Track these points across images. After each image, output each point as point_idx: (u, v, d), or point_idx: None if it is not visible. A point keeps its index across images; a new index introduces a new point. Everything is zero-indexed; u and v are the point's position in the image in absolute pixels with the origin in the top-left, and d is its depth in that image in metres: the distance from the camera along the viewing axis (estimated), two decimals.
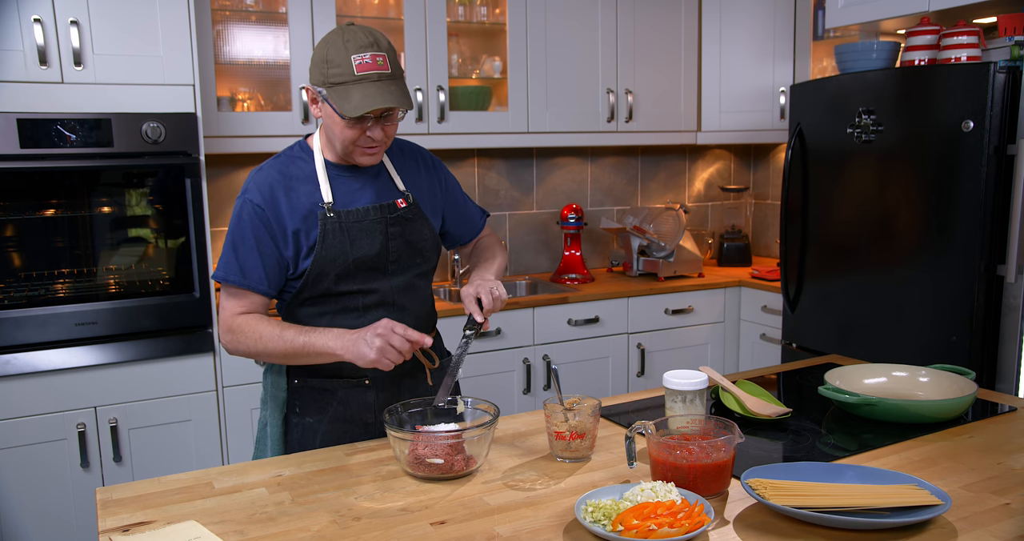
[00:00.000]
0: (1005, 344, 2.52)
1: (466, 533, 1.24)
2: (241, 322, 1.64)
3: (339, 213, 1.66)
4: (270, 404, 1.77)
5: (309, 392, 1.74)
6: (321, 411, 1.74)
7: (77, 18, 2.41)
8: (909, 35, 2.81)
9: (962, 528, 1.22)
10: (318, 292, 1.69)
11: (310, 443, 1.73)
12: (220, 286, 1.69)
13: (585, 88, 3.49)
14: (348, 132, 1.60)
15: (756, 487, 1.28)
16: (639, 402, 1.90)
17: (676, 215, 3.64)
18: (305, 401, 1.75)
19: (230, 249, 1.65)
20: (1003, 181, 2.48)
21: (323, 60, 1.57)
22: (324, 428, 1.74)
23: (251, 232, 1.64)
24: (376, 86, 1.55)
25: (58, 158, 2.42)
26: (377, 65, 1.55)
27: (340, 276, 1.67)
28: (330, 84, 1.56)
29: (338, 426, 1.74)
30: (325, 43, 1.59)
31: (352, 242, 1.66)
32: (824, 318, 3.07)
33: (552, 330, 3.22)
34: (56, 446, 2.50)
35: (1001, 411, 1.79)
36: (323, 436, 1.73)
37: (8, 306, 2.42)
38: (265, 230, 1.64)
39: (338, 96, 1.56)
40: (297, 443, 1.75)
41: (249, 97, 3.11)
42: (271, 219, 1.64)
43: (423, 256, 1.78)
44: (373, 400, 1.75)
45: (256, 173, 1.68)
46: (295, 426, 1.75)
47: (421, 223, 1.76)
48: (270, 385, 1.77)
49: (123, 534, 1.26)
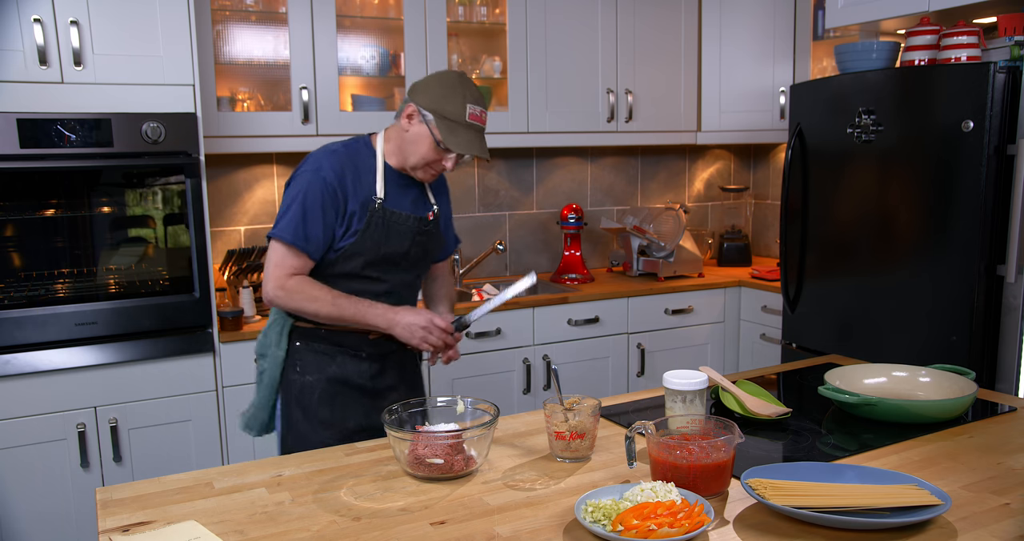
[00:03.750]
0: (1005, 344, 2.52)
1: (466, 533, 1.24)
2: (295, 283, 1.85)
3: (386, 211, 1.91)
4: (269, 359, 1.98)
5: (310, 354, 1.96)
6: (320, 371, 1.95)
7: (77, 18, 2.41)
8: (909, 35, 2.81)
9: (962, 528, 1.22)
10: (345, 271, 1.91)
11: (308, 400, 1.94)
12: (277, 243, 1.86)
13: (585, 88, 3.49)
14: (431, 155, 1.88)
15: (756, 487, 1.28)
16: (639, 402, 1.90)
17: (676, 215, 3.64)
18: (306, 361, 1.96)
19: (299, 215, 1.84)
20: (1003, 181, 2.48)
21: (440, 94, 1.85)
22: (322, 386, 1.95)
23: (320, 204, 1.84)
24: (476, 135, 1.87)
25: (58, 158, 2.42)
26: (482, 120, 1.88)
27: (368, 262, 1.91)
28: (441, 116, 1.83)
29: (334, 386, 1.95)
30: (444, 80, 1.87)
31: (387, 238, 1.92)
32: (824, 318, 3.07)
33: (552, 330, 3.22)
34: (56, 446, 2.50)
35: (1001, 411, 1.79)
36: (320, 394, 1.95)
37: (8, 306, 2.42)
38: (332, 205, 1.86)
39: (446, 129, 1.83)
40: (295, 399, 1.96)
41: (249, 97, 3.11)
42: (340, 197, 1.86)
43: (428, 261, 2.09)
44: (367, 368, 1.98)
45: (329, 154, 1.91)
46: (293, 383, 1.97)
47: (436, 235, 2.05)
48: (272, 344, 1.97)
49: (123, 534, 1.26)
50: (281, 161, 3.30)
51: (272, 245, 1.88)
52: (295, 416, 1.96)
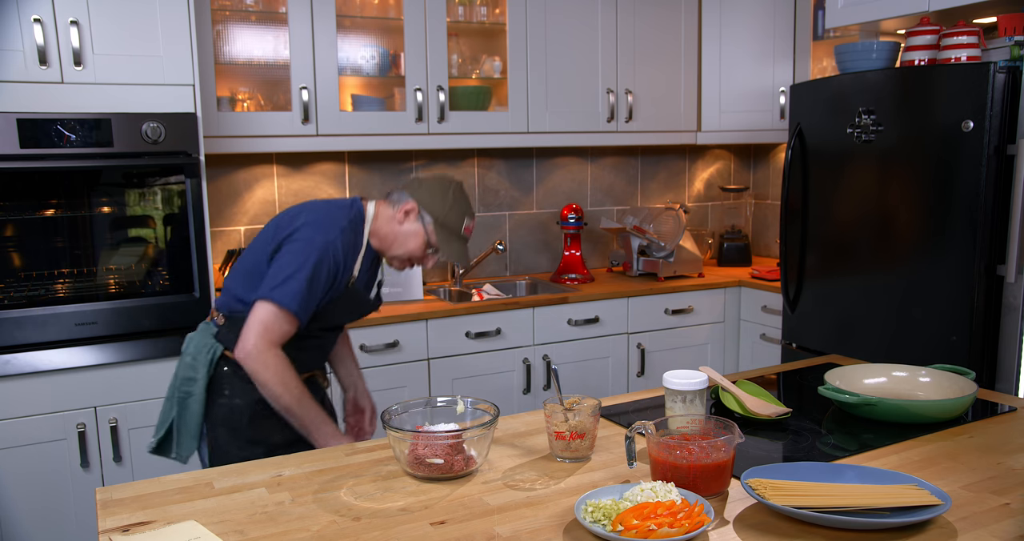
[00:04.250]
0: (1005, 344, 2.52)
1: (466, 533, 1.24)
2: (276, 362, 1.80)
3: (354, 290, 1.95)
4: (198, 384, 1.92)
5: (238, 380, 1.91)
6: (248, 395, 1.90)
7: (77, 18, 2.41)
8: (909, 35, 2.81)
9: (962, 528, 1.22)
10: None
11: (237, 421, 1.92)
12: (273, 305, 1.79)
13: (585, 88, 3.49)
14: (418, 254, 1.96)
15: (756, 487, 1.28)
16: (639, 402, 1.90)
17: (676, 215, 3.64)
18: (234, 386, 1.92)
19: (305, 286, 1.80)
20: (1003, 181, 2.48)
21: (442, 203, 1.93)
22: (252, 409, 1.91)
23: (324, 280, 1.84)
24: (464, 247, 1.99)
25: (58, 158, 2.42)
26: (471, 233, 2.00)
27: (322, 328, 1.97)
28: (441, 225, 1.93)
29: (262, 407, 1.89)
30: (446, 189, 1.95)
31: (348, 311, 2.00)
32: (824, 318, 3.07)
33: (552, 330, 3.22)
34: (56, 446, 2.50)
35: (1001, 411, 1.79)
36: (251, 416, 1.91)
37: (8, 306, 2.42)
38: (330, 282, 1.86)
39: (443, 238, 1.93)
40: (221, 421, 1.93)
41: (249, 97, 3.11)
42: (339, 278, 1.88)
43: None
44: None
45: (341, 233, 1.87)
46: (221, 406, 1.93)
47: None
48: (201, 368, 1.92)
49: (123, 534, 1.26)
50: (281, 161, 3.30)
51: (266, 305, 1.79)
52: (221, 437, 1.93)
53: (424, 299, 3.17)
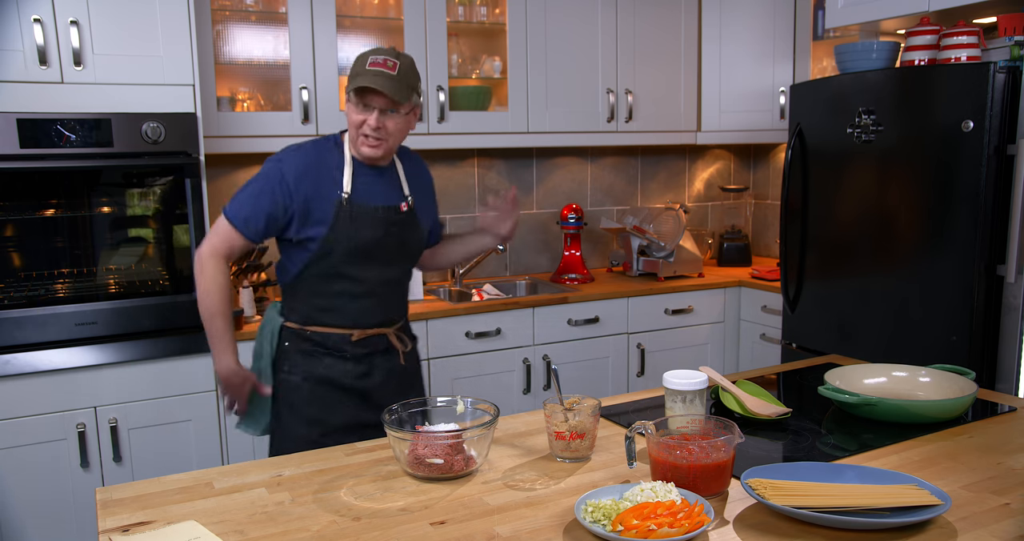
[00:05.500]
0: (1005, 344, 2.52)
1: (466, 533, 1.24)
2: (212, 267, 1.91)
3: (353, 205, 1.91)
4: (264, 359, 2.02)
5: (298, 355, 1.99)
6: (308, 371, 1.98)
7: (77, 18, 2.41)
8: (909, 35, 2.81)
9: (962, 528, 1.22)
10: (322, 272, 1.94)
11: (295, 398, 1.98)
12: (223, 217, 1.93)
13: (585, 88, 3.49)
14: (354, 117, 1.87)
15: (756, 487, 1.28)
16: (639, 402, 1.90)
17: (676, 215, 3.64)
18: (294, 361, 1.99)
19: (248, 198, 1.91)
20: (1003, 181, 2.48)
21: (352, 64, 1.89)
22: (309, 386, 1.98)
23: (270, 193, 1.89)
24: (377, 77, 1.82)
25: (58, 158, 2.42)
26: (386, 66, 1.84)
27: (341, 259, 1.92)
28: (350, 76, 1.86)
29: (321, 386, 1.97)
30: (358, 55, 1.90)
31: (357, 231, 1.92)
32: (824, 318, 3.07)
33: (552, 330, 3.22)
34: (56, 446, 2.50)
35: (1001, 411, 1.79)
36: (307, 393, 1.98)
37: (8, 306, 2.42)
38: (280, 199, 1.89)
39: (351, 84, 1.85)
40: (283, 397, 2.00)
41: (249, 97, 3.11)
42: (292, 192, 1.89)
43: (410, 256, 2.07)
44: (352, 369, 1.99)
45: (295, 151, 1.94)
46: (282, 382, 2.01)
47: (414, 226, 2.03)
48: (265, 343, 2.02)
49: (123, 534, 1.26)
50: None
51: (219, 218, 1.94)
52: (283, 414, 2.01)
53: (424, 299, 3.17)
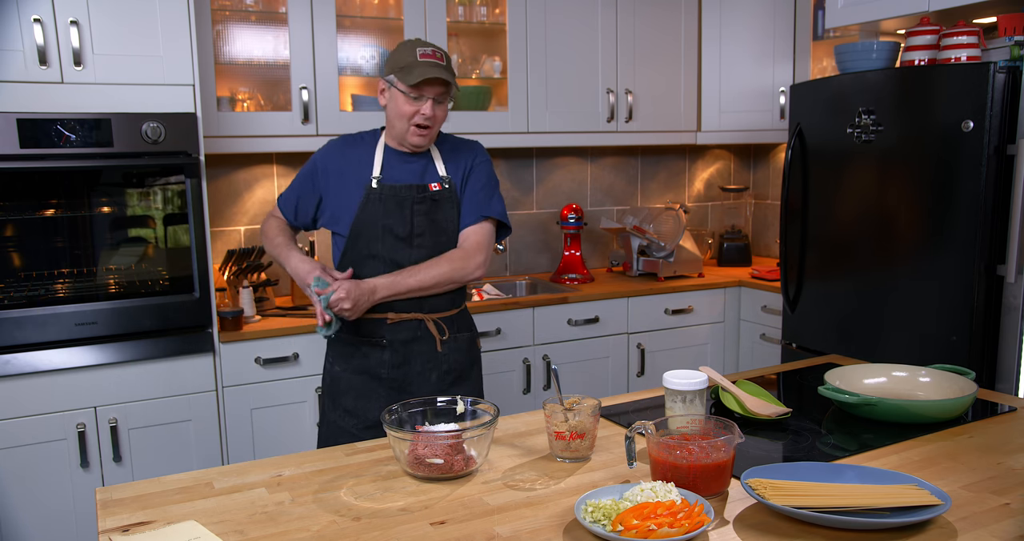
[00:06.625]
0: (1005, 344, 2.52)
1: (466, 533, 1.24)
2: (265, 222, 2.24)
3: (382, 186, 2.01)
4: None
5: (339, 345, 2.10)
6: (347, 362, 2.09)
7: (77, 18, 2.41)
8: (909, 35, 2.81)
9: (962, 528, 1.22)
10: (355, 256, 2.04)
11: (336, 390, 2.10)
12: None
13: (585, 88, 3.49)
14: (406, 108, 1.96)
15: (756, 487, 1.28)
16: (639, 402, 1.90)
17: (676, 215, 3.64)
18: (335, 352, 2.12)
19: (293, 184, 2.18)
20: (1003, 181, 2.48)
21: (393, 57, 1.98)
22: (347, 377, 2.08)
23: (303, 178, 2.14)
24: (432, 68, 1.92)
25: (58, 158, 2.42)
26: (436, 57, 1.96)
27: (372, 239, 2.01)
28: (397, 69, 1.95)
29: (358, 377, 2.07)
30: (395, 49, 2.01)
31: (386, 211, 2.00)
32: (824, 318, 3.07)
33: (552, 330, 3.22)
34: (56, 446, 2.50)
35: (1001, 411, 1.79)
36: (345, 384, 2.09)
37: (8, 306, 2.42)
38: (310, 181, 2.12)
39: (403, 74, 1.93)
40: (327, 388, 2.15)
41: (249, 97, 3.11)
42: (318, 175, 2.10)
43: (447, 236, 2.08)
44: (389, 358, 2.06)
45: (334, 141, 2.16)
46: (325, 372, 2.16)
47: (450, 206, 2.07)
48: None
49: (123, 534, 1.26)
50: (281, 161, 3.30)
51: None
52: (327, 402, 2.14)
53: None
